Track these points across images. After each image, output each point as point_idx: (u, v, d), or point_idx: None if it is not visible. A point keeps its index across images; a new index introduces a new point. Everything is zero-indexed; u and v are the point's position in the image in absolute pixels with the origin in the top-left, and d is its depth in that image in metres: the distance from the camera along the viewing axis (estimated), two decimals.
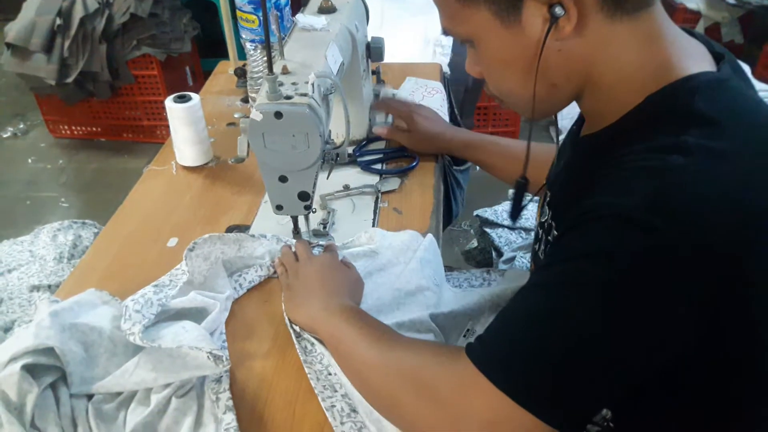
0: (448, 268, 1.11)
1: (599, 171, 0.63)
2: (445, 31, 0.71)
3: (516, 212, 0.94)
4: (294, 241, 1.01)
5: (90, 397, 0.77)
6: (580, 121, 0.82)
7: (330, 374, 0.80)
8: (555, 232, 0.77)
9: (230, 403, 0.76)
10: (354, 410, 0.76)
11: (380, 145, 1.31)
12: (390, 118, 1.36)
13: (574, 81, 0.67)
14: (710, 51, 0.67)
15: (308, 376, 0.80)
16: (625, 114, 0.65)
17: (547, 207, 0.82)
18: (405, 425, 0.71)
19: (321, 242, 1.03)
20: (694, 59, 0.64)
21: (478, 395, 0.61)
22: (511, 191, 1.58)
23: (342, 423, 0.74)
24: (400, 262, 0.97)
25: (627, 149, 0.61)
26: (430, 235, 1.02)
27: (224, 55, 1.72)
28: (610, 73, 0.65)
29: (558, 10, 0.60)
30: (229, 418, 0.74)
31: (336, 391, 0.78)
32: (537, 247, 0.85)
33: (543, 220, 0.83)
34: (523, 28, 0.63)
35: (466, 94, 2.36)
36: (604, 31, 0.63)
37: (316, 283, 0.88)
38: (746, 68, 0.69)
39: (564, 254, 0.62)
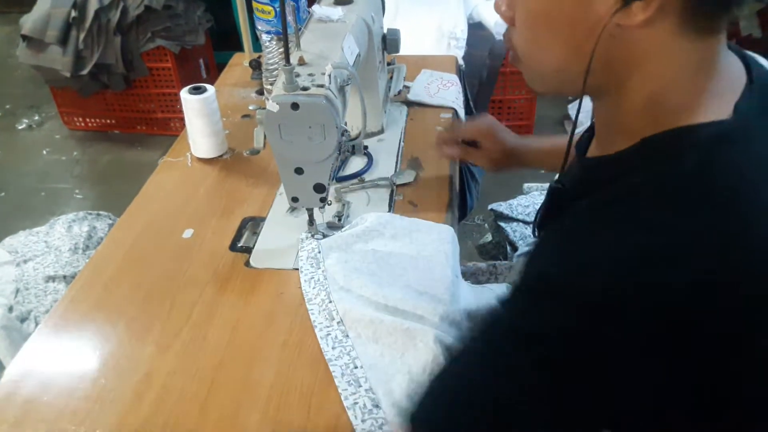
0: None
1: (582, 213, 0.58)
2: None
3: (543, 225, 0.83)
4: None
5: None
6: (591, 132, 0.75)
7: (356, 368, 0.80)
8: None
9: None
10: (377, 405, 0.75)
11: (395, 139, 1.30)
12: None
13: (607, 78, 0.59)
14: (748, 75, 0.60)
15: (333, 373, 0.80)
16: (626, 148, 0.59)
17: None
18: None
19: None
20: (720, 97, 0.57)
21: None
22: (526, 185, 1.58)
23: (363, 421, 0.74)
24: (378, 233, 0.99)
25: (612, 198, 0.55)
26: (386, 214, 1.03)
27: (237, 49, 1.72)
28: (646, 90, 0.58)
29: None
30: None
31: (360, 386, 0.78)
32: None
33: None
34: None
35: (481, 87, 2.36)
36: (667, 40, 0.55)
37: None
38: (765, 62, 0.65)
39: (508, 323, 0.57)
